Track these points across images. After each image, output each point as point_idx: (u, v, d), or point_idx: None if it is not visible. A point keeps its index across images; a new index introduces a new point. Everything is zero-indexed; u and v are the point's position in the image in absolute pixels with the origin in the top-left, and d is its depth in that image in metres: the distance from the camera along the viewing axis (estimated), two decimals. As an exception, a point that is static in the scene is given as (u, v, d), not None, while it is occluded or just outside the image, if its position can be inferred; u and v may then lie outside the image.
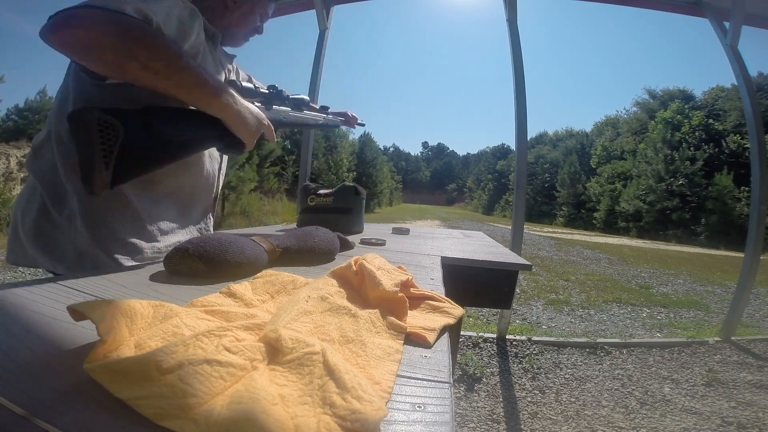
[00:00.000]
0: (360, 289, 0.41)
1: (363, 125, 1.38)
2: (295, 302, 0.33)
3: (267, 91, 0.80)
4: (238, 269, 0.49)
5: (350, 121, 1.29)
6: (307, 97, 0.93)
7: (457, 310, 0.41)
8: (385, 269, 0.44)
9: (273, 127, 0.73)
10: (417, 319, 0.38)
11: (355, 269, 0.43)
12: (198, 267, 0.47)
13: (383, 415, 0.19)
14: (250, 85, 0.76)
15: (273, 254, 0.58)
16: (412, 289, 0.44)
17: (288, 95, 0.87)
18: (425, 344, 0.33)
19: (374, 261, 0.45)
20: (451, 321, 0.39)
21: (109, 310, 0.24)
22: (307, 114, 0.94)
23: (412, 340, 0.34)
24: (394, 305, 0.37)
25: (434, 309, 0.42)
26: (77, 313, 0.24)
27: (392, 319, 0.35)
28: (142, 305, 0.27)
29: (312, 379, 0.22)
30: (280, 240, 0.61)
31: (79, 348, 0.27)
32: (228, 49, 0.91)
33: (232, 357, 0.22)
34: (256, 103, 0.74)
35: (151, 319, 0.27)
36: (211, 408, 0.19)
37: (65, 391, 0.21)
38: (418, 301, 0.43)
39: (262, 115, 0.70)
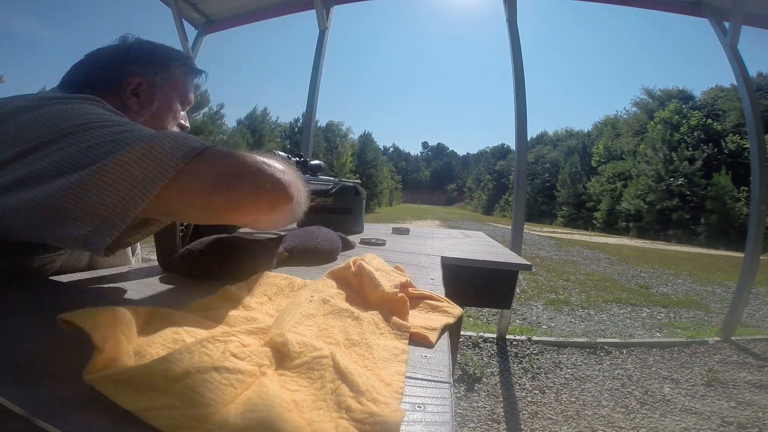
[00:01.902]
0: (359, 290, 0.41)
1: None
2: (297, 305, 0.33)
3: (296, 159, 0.94)
4: (249, 271, 0.49)
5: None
6: (323, 164, 1.08)
7: (456, 310, 0.41)
8: (384, 270, 0.44)
9: None
10: (417, 319, 0.38)
11: (353, 270, 0.42)
12: (211, 269, 0.47)
13: (401, 416, 0.19)
14: (284, 154, 0.86)
15: (281, 257, 0.58)
16: (410, 288, 0.44)
17: (309, 162, 1.02)
18: (427, 344, 0.33)
19: (373, 261, 0.45)
20: (451, 320, 0.39)
21: (102, 318, 0.23)
22: (322, 179, 1.09)
23: (414, 339, 0.34)
24: (395, 306, 0.37)
25: (433, 308, 0.42)
26: (68, 323, 0.23)
27: (395, 319, 0.35)
28: (138, 311, 0.27)
29: (324, 384, 0.21)
30: (284, 240, 0.61)
31: (79, 348, 0.27)
32: None
33: (240, 363, 0.22)
34: None
35: (148, 326, 0.26)
36: (226, 417, 0.18)
37: (66, 391, 0.21)
38: (416, 300, 0.43)
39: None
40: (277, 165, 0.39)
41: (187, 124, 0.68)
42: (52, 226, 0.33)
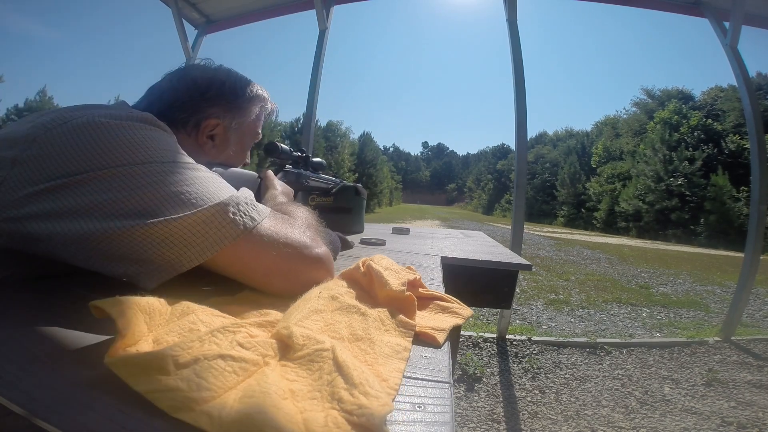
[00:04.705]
0: (369, 289, 0.41)
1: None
2: (306, 301, 0.34)
3: (298, 154, 0.92)
4: None
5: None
6: (324, 162, 1.04)
7: (466, 311, 0.42)
8: (392, 269, 0.45)
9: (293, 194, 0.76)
10: (426, 320, 0.38)
11: (363, 270, 0.43)
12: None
13: (389, 410, 0.20)
14: (287, 147, 0.87)
15: None
16: (420, 289, 0.45)
17: (311, 159, 0.99)
18: (435, 344, 0.33)
19: (382, 262, 0.46)
20: (460, 321, 0.39)
21: (128, 306, 0.25)
22: (323, 177, 1.06)
23: (422, 339, 0.34)
24: (402, 304, 0.37)
25: (443, 309, 0.42)
26: (99, 309, 0.25)
27: (401, 317, 0.35)
28: (160, 302, 0.28)
29: (321, 375, 0.22)
30: None
31: (79, 348, 0.27)
32: None
33: (245, 352, 0.23)
34: (288, 166, 0.87)
35: (169, 316, 0.28)
36: (224, 401, 0.19)
37: (66, 392, 0.21)
38: (426, 301, 0.44)
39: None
40: (319, 246, 0.43)
41: (248, 160, 0.68)
42: (101, 261, 0.34)
